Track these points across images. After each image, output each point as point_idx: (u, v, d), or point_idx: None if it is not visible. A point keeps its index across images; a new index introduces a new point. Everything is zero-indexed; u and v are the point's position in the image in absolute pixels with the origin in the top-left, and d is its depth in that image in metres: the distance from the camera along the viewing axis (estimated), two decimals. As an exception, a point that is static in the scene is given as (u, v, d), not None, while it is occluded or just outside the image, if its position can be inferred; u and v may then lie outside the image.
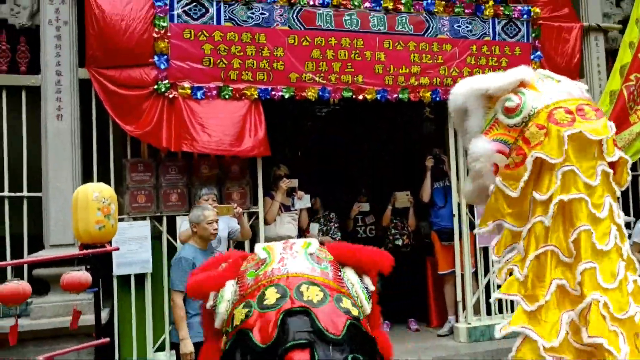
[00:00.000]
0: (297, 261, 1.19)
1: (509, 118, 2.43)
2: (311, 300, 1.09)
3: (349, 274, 1.23)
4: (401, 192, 5.97)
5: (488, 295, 5.63)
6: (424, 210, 6.05)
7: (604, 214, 2.22)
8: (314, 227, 5.77)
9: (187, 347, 3.63)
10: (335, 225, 5.99)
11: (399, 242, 5.99)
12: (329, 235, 5.87)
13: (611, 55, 6.10)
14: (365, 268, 1.29)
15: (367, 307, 1.20)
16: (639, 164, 6.18)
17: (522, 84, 2.47)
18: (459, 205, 5.59)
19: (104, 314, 4.15)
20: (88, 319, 3.57)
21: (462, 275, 5.55)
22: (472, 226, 5.56)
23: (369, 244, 4.76)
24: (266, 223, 5.06)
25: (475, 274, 5.62)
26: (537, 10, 5.67)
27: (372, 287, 1.26)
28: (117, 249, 3.60)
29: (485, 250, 5.62)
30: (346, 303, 1.12)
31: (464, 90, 2.55)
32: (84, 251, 3.20)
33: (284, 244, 1.28)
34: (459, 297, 5.56)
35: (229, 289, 1.19)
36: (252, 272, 1.19)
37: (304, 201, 5.40)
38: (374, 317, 1.27)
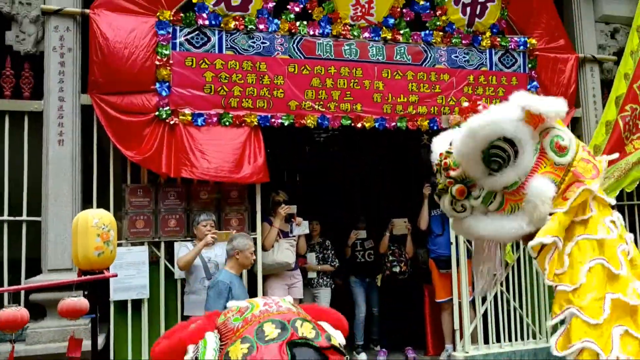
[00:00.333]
0: (282, 306, 1.20)
1: (559, 156, 2.37)
2: (306, 336, 1.10)
3: (326, 325, 1.24)
4: (399, 219, 6.00)
5: (486, 324, 5.63)
6: (421, 238, 6.06)
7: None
8: (311, 257, 5.79)
9: None
10: (332, 252, 6.00)
11: (397, 269, 6.00)
12: (327, 262, 5.89)
13: (606, 86, 6.18)
14: (336, 326, 1.31)
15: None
16: (636, 194, 6.23)
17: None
18: (456, 235, 5.60)
19: (100, 340, 4.13)
20: (84, 344, 3.55)
21: (460, 304, 5.54)
22: (469, 254, 5.57)
23: (368, 269, 4.86)
24: (264, 249, 5.07)
25: (472, 303, 5.61)
26: (534, 41, 5.77)
27: (343, 341, 1.26)
28: (116, 275, 3.60)
29: (483, 278, 5.62)
30: (334, 341, 1.14)
31: (515, 117, 2.33)
32: (83, 277, 3.21)
33: (264, 298, 1.27)
34: (457, 326, 5.54)
35: (212, 337, 1.17)
36: (238, 318, 1.17)
37: (302, 228, 5.41)
38: None
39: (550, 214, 2.38)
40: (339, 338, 1.22)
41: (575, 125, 6.09)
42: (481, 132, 2.35)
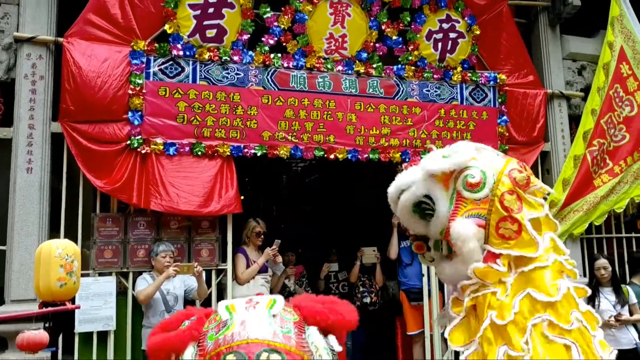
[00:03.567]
0: (259, 325, 1.18)
1: (475, 193, 2.53)
2: None
3: (314, 336, 1.22)
4: (368, 248, 5.98)
5: (457, 357, 5.60)
6: (391, 269, 6.06)
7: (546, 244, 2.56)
8: (290, 283, 5.72)
9: None
10: (307, 280, 5.97)
11: (367, 300, 5.96)
12: (302, 288, 5.85)
13: (574, 120, 6.35)
14: (334, 328, 1.28)
15: None
16: (604, 227, 6.34)
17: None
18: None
19: (63, 373, 4.03)
20: (45, 378, 3.47)
21: (431, 336, 5.53)
22: (441, 286, 5.59)
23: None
24: (240, 283, 4.98)
25: (444, 335, 5.59)
26: (503, 77, 5.91)
27: (338, 348, 1.24)
28: (79, 307, 3.54)
29: (454, 310, 5.63)
30: None
31: (419, 177, 2.61)
32: (43, 310, 3.14)
33: (248, 303, 1.26)
34: (428, 358, 5.51)
35: (189, 352, 1.19)
36: (212, 335, 1.18)
37: (278, 267, 5.32)
38: None
39: (497, 254, 2.54)
40: (331, 344, 1.21)
41: (544, 159, 6.22)
42: (395, 197, 2.72)
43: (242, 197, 5.10)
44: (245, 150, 4.94)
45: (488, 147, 2.89)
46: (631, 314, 4.97)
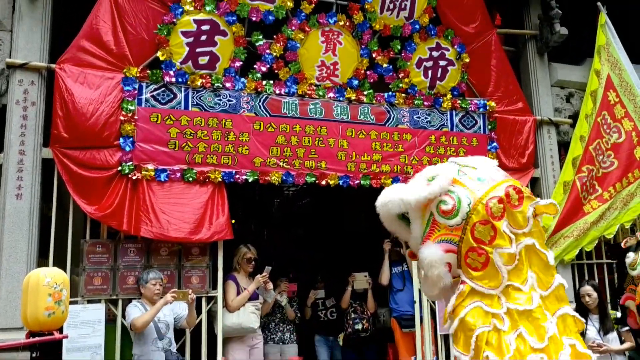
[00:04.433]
0: None
1: (448, 219, 2.57)
2: None
3: None
4: (359, 273, 5.95)
5: (449, 384, 5.57)
6: (383, 296, 6.03)
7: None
8: (283, 299, 5.65)
9: None
10: (297, 304, 5.92)
11: (359, 327, 5.90)
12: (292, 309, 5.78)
13: (563, 147, 6.41)
14: None
15: None
16: (595, 253, 6.37)
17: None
18: (419, 291, 5.61)
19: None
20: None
21: (424, 363, 5.49)
22: (432, 313, 5.57)
23: (331, 327, 4.75)
24: (230, 310, 4.94)
25: (436, 361, 5.56)
26: (493, 104, 5.98)
27: None
28: (66, 337, 3.49)
29: (447, 337, 5.60)
30: None
31: (396, 197, 2.68)
32: (30, 340, 3.10)
33: None
34: (420, 386, 5.47)
35: None
36: None
37: (269, 294, 5.29)
38: None
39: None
40: None
41: (534, 185, 6.26)
42: (383, 208, 2.78)
43: (233, 221, 5.09)
44: (237, 176, 4.94)
45: (487, 163, 2.90)
46: (622, 341, 4.97)
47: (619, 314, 5.37)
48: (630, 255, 5.11)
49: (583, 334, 4.88)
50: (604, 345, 4.82)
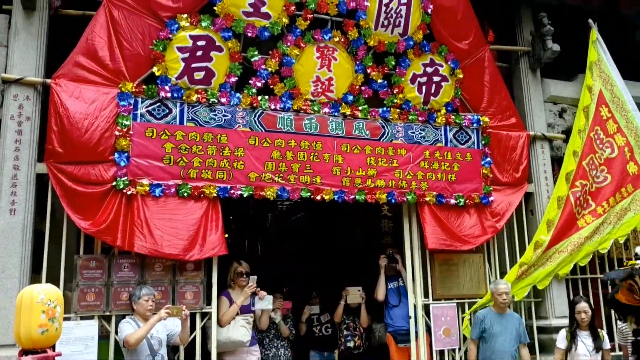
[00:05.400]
0: None
1: None
2: None
3: None
4: (353, 287, 5.91)
5: (444, 400, 5.54)
6: (379, 312, 6.01)
7: None
8: (277, 316, 5.61)
9: None
10: (291, 321, 5.88)
11: (351, 344, 5.85)
12: (287, 325, 5.74)
13: (557, 162, 6.45)
14: None
15: None
16: (589, 268, 6.38)
17: None
18: (415, 306, 5.60)
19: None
20: None
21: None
22: (428, 328, 5.56)
23: (325, 342, 4.70)
24: (220, 325, 4.90)
25: (432, 377, 5.54)
26: (486, 119, 6.02)
27: None
28: (60, 354, 3.43)
29: (442, 352, 5.59)
30: None
31: None
32: (23, 358, 3.05)
33: None
34: (416, 402, 5.44)
35: None
36: None
37: (265, 302, 5.19)
38: None
39: None
40: None
41: (528, 200, 6.28)
42: None
43: (227, 236, 5.07)
44: (232, 191, 4.94)
45: None
46: (603, 359, 4.98)
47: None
48: None
49: (569, 350, 4.91)
50: None
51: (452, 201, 5.71)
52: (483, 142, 6.00)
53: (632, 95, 6.52)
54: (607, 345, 5.05)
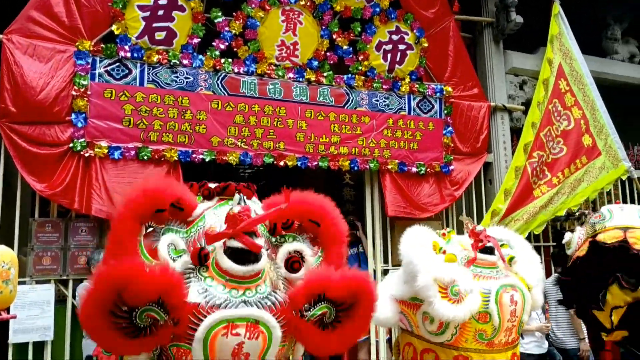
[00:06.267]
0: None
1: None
2: None
3: None
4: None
5: (401, 363, 5.68)
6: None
7: None
8: None
9: None
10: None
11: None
12: None
13: (516, 133, 6.58)
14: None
15: None
16: (542, 236, 6.60)
17: None
18: (374, 271, 5.70)
19: (-5, 387, 3.84)
20: (-25, 393, 3.29)
21: (377, 342, 5.59)
22: (387, 293, 5.66)
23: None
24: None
25: (389, 341, 5.66)
26: (449, 89, 6.07)
27: None
28: (15, 317, 3.38)
29: (400, 317, 5.71)
30: None
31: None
32: (-24, 320, 2.98)
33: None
34: (373, 365, 5.58)
35: None
36: None
37: None
38: None
39: None
40: None
41: (487, 170, 6.41)
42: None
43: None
44: (194, 155, 4.86)
45: None
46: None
47: None
48: (567, 235, 5.31)
49: None
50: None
51: (414, 169, 5.78)
52: (445, 111, 6.05)
53: (591, 70, 6.67)
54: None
